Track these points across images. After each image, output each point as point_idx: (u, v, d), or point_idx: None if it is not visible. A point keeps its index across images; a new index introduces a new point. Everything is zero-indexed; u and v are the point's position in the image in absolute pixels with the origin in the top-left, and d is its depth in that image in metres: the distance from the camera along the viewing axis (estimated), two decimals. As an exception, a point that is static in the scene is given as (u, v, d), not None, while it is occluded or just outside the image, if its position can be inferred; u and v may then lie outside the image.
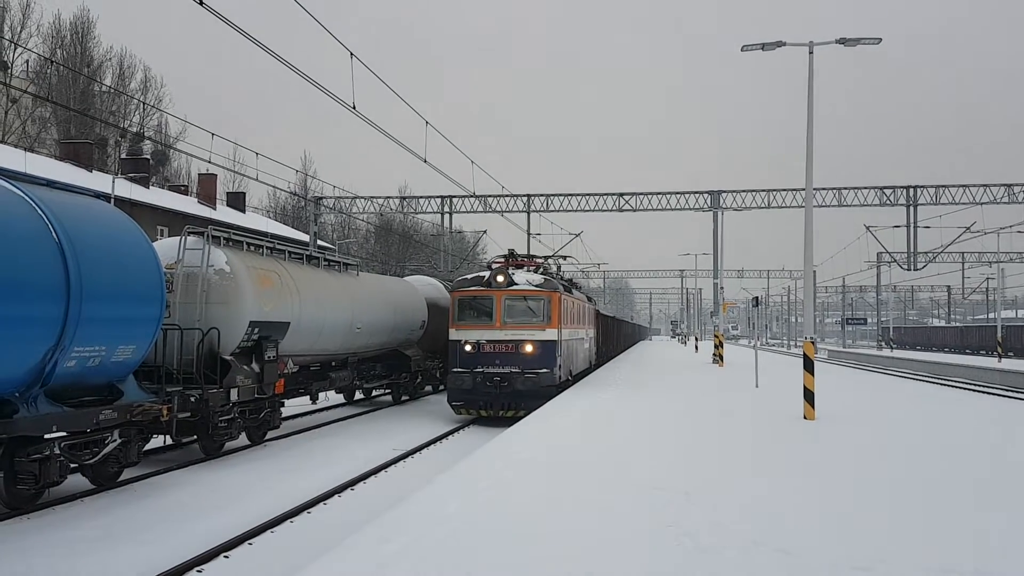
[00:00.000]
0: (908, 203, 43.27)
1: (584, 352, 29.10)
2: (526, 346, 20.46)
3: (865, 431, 14.95)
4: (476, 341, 20.57)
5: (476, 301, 21.18)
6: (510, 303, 20.97)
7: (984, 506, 8.90)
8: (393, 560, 6.58)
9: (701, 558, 6.75)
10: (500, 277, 20.93)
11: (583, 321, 28.66)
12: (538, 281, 21.53)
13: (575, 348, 25.68)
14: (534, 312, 21.03)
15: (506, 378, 20.21)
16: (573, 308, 24.96)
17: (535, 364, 20.48)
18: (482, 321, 20.89)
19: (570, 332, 23.99)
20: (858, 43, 19.50)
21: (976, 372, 38.67)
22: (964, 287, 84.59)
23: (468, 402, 20.71)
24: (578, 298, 27.49)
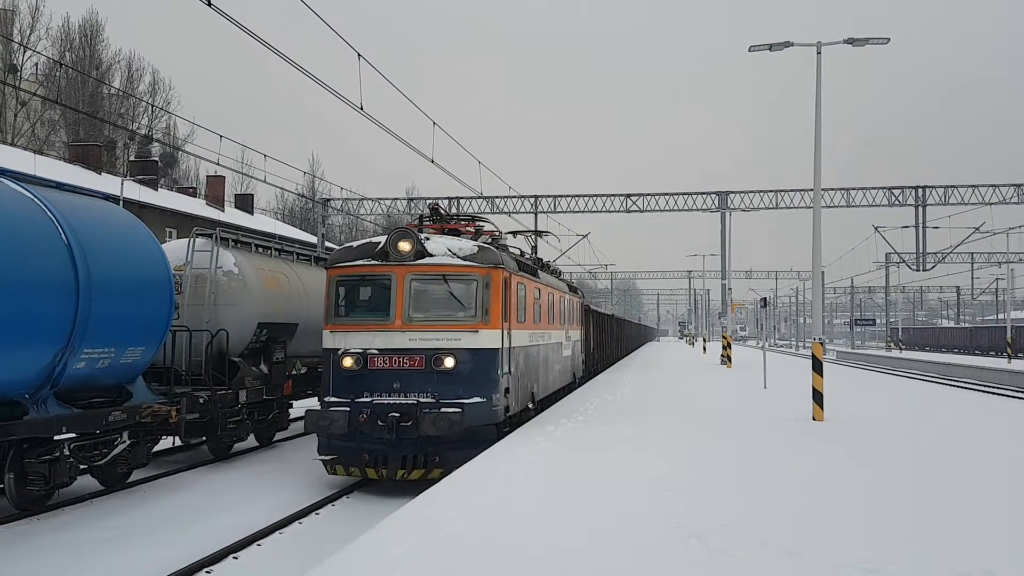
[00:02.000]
0: (917, 203, 43.12)
1: (563, 363, 21.52)
2: (445, 359, 12.49)
3: (875, 433, 14.89)
4: (361, 352, 12.55)
5: (363, 284, 13.34)
6: (420, 286, 12.94)
7: (991, 508, 8.86)
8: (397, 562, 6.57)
9: (709, 560, 6.73)
10: (404, 244, 12.91)
11: (561, 318, 20.93)
12: (468, 251, 13.26)
13: (542, 359, 17.69)
14: (461, 302, 12.95)
15: (410, 414, 12.07)
16: (540, 298, 17.34)
17: (462, 389, 12.57)
18: (373, 318, 12.95)
19: (531, 335, 16.03)
20: (866, 43, 19.43)
21: (986, 373, 38.51)
22: (973, 288, 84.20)
23: (346, 455, 12.50)
24: (550, 285, 19.14)
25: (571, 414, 17.11)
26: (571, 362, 23.68)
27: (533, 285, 16.58)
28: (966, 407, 21.15)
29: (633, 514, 8.28)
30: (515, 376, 14.40)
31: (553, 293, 19.55)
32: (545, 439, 13.35)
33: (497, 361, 13.16)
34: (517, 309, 14.63)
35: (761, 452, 12.42)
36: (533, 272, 17.05)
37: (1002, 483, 10.28)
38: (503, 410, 13.45)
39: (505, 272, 13.65)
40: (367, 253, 13.22)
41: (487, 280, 13.09)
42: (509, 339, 13.84)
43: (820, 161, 18.42)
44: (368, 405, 12.27)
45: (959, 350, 72.63)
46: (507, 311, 13.67)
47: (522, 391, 15.23)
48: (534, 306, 16.56)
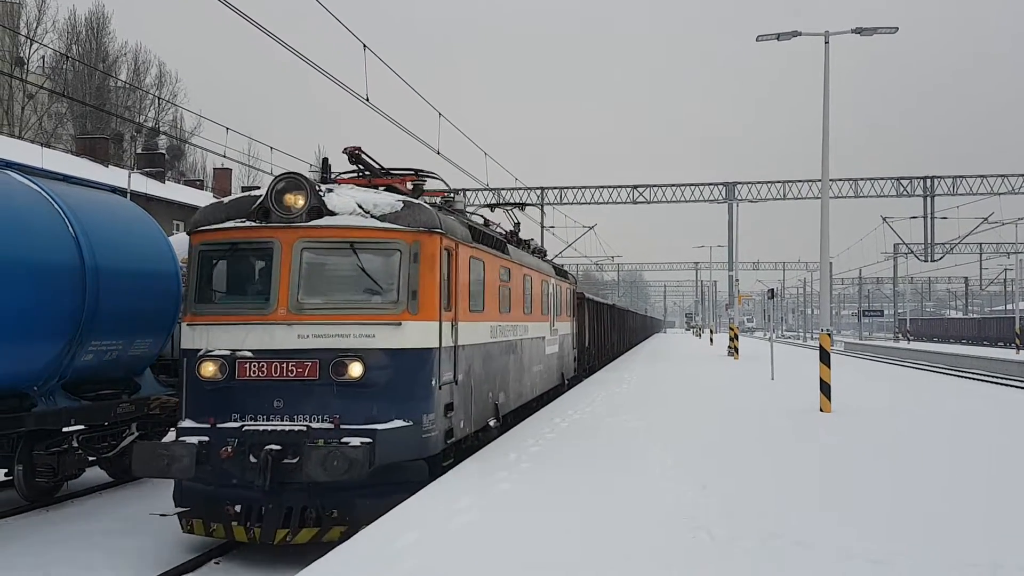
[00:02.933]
0: (925, 194, 42.97)
1: (547, 362, 18.04)
2: (349, 365, 8.78)
3: (882, 424, 14.85)
4: (228, 354, 8.89)
5: (235, 255, 9.60)
6: (316, 259, 9.22)
7: (1002, 500, 8.83)
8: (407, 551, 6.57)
9: (717, 550, 6.73)
10: (292, 196, 9.09)
11: (544, 307, 17.51)
12: (389, 208, 9.33)
13: (514, 359, 14.09)
14: (376, 282, 9.19)
15: (296, 446, 8.47)
16: (511, 281, 13.72)
17: (376, 408, 8.89)
18: (246, 305, 9.30)
19: (494, 328, 12.47)
20: (875, 32, 19.33)
21: (994, 364, 38.38)
22: (982, 278, 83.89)
23: (208, 506, 8.77)
24: (527, 266, 15.41)
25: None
26: (558, 360, 19.95)
27: (498, 263, 12.64)
28: (974, 398, 21.08)
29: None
30: (464, 386, 10.59)
31: (531, 275, 15.78)
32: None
33: (431, 366, 9.26)
34: (470, 294, 10.83)
35: (768, 443, 12.40)
36: (499, 246, 12.97)
37: (1011, 475, 10.23)
38: (441, 436, 9.56)
39: (448, 240, 9.71)
40: (242, 211, 9.20)
41: (416, 250, 9.09)
42: (454, 334, 10.05)
43: (828, 151, 18.33)
44: (236, 433, 8.45)
45: (967, 341, 72.38)
46: (451, 296, 9.93)
47: (478, 405, 11.38)
48: (500, 291, 12.76)
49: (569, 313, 22.37)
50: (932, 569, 6.33)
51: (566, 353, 21.69)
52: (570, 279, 23.62)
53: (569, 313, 22.37)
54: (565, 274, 22.64)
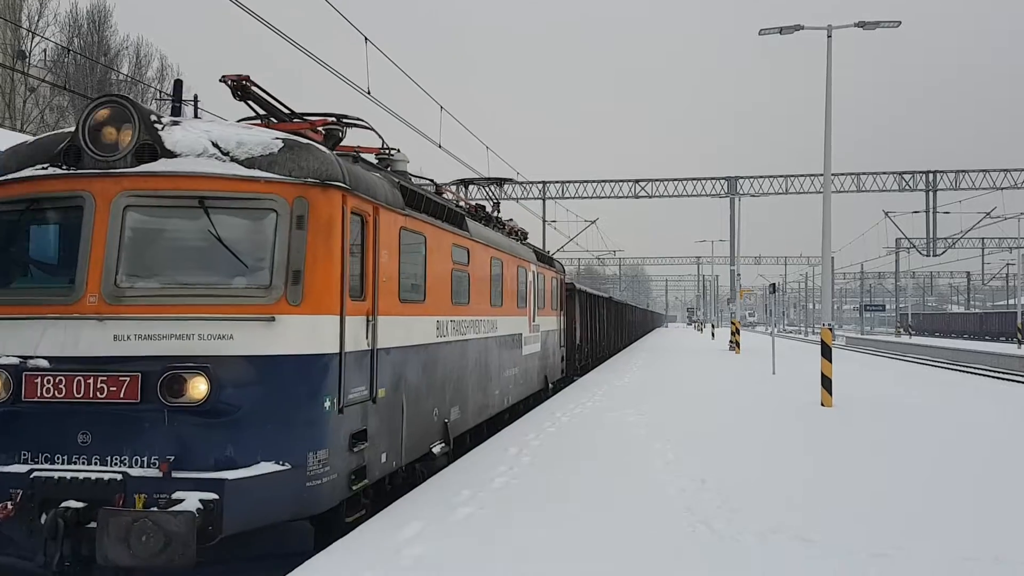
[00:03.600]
0: (927, 188, 42.93)
1: (524, 364, 15.53)
2: (189, 381, 5.96)
3: (883, 418, 14.84)
4: (15, 363, 6.08)
5: (31, 217, 6.70)
6: (144, 220, 6.36)
7: (1001, 494, 8.82)
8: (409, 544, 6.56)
9: (718, 545, 6.72)
10: (115, 130, 6.38)
11: (520, 299, 15.03)
12: (259, 147, 6.53)
13: (473, 364, 11.53)
14: (237, 255, 6.36)
15: (105, 502, 5.71)
16: (471, 264, 11.31)
17: (231, 445, 6.13)
18: (45, 290, 6.50)
19: (443, 324, 9.96)
20: (877, 26, 19.28)
21: (996, 359, 38.35)
22: (984, 273, 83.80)
23: None
24: (496, 246, 13.00)
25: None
26: (540, 362, 17.31)
27: (449, 240, 10.04)
28: (976, 393, 21.06)
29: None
30: (390, 404, 7.92)
31: (504, 260, 13.32)
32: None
33: (324, 380, 6.55)
34: (401, 278, 8.22)
35: (769, 438, 12.40)
36: (453, 219, 10.26)
37: (1011, 470, 10.22)
38: (342, 480, 6.81)
39: (358, 201, 7.06)
40: (45, 154, 6.59)
41: (301, 211, 6.40)
42: (370, 334, 7.37)
43: (831, 145, 18.29)
44: (21, 481, 5.90)
45: (969, 336, 72.33)
46: (366, 280, 7.35)
47: (415, 428, 8.70)
48: (453, 276, 10.26)
49: (556, 306, 19.90)
50: (933, 563, 6.32)
51: (551, 353, 19.12)
52: (557, 267, 20.69)
53: (556, 306, 19.90)
54: (551, 261, 19.87)
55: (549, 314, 18.81)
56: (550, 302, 19.03)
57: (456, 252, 10.58)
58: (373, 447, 7.52)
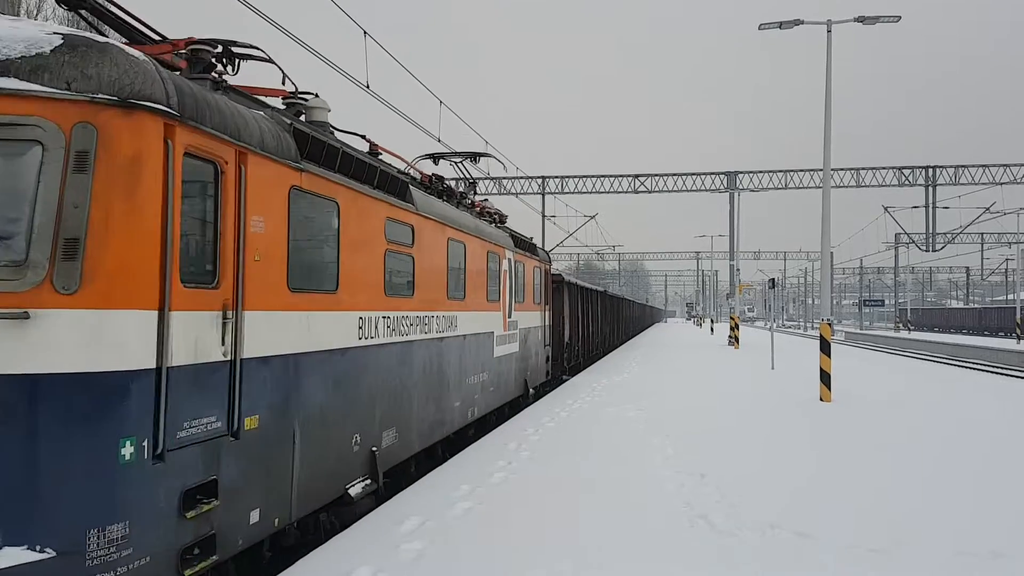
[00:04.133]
0: (927, 183, 42.92)
1: (499, 369, 13.69)
2: None
3: (882, 414, 14.85)
4: None
5: None
6: None
7: (1000, 489, 8.83)
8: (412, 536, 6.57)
9: (717, 541, 6.73)
10: None
11: (490, 291, 13.07)
12: (26, 45, 4.26)
13: (423, 375, 9.53)
14: None
15: None
16: (418, 246, 9.33)
17: None
18: None
19: (362, 320, 7.63)
20: (877, 21, 19.26)
21: (995, 354, 38.36)
22: (983, 268, 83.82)
23: None
24: (457, 225, 11.04)
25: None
26: (518, 364, 15.30)
27: (379, 211, 8.00)
28: (975, 388, 21.07)
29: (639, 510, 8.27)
30: (271, 438, 5.90)
31: (466, 242, 11.27)
32: None
33: (125, 414, 4.41)
34: (290, 257, 6.17)
35: (768, 434, 12.40)
36: (388, 186, 8.23)
37: (1010, 465, 10.23)
38: (168, 563, 4.71)
39: (200, 138, 5.09)
40: None
41: (86, 145, 4.34)
42: (234, 337, 5.43)
43: (830, 140, 18.27)
44: None
45: (968, 331, 72.38)
46: (220, 256, 5.36)
47: (316, 468, 6.61)
48: (387, 260, 8.18)
49: (539, 300, 17.87)
50: (932, 558, 6.33)
51: (533, 353, 16.94)
52: (541, 255, 18.48)
53: (539, 300, 17.87)
54: (533, 249, 17.42)
55: (531, 309, 16.82)
56: (532, 295, 16.98)
57: (393, 229, 8.37)
58: (232, 504, 5.28)
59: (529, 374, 16.59)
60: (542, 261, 18.49)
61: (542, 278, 18.47)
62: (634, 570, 6.02)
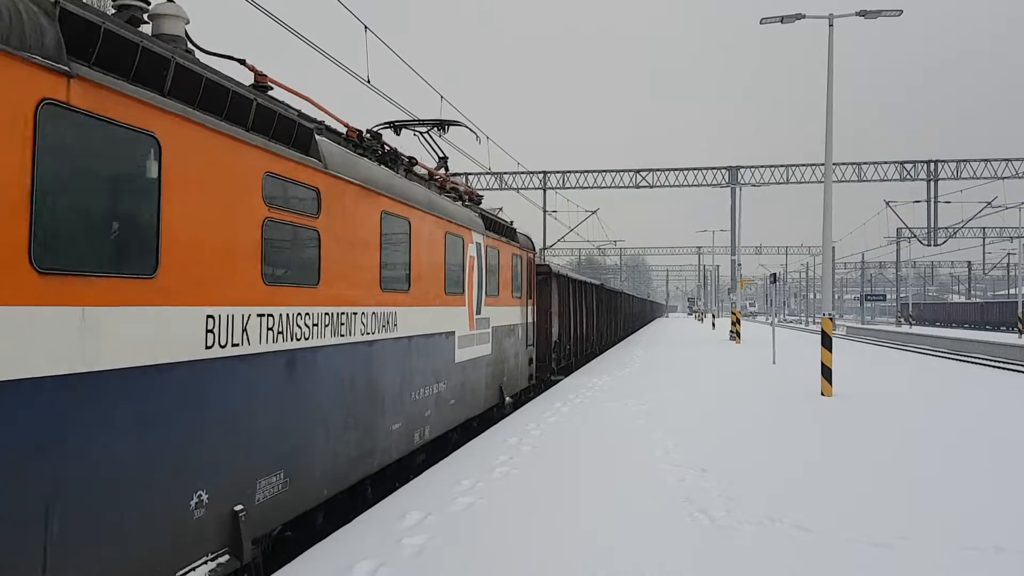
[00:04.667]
0: (928, 178, 42.86)
1: (463, 378, 11.55)
2: None
3: (884, 408, 14.84)
4: None
5: None
6: None
7: (1001, 484, 8.81)
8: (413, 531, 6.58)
9: (717, 535, 6.72)
10: None
11: (455, 282, 11.16)
12: None
13: (330, 392, 7.00)
14: None
15: None
16: (317, 217, 6.74)
17: None
18: None
19: (216, 318, 5.29)
20: (879, 15, 19.21)
21: (996, 348, 38.32)
22: (985, 263, 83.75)
23: None
24: (384, 192, 8.38)
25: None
26: (491, 369, 13.20)
27: (248, 161, 5.74)
28: (976, 382, 21.05)
29: (639, 489, 8.27)
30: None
31: (412, 219, 9.15)
32: None
33: None
34: (33, 219, 3.83)
35: (769, 428, 12.39)
36: (262, 124, 5.97)
37: (1010, 460, 10.21)
38: None
39: None
40: None
41: None
42: None
43: (832, 135, 18.23)
44: None
45: (969, 325, 72.35)
46: None
47: (104, 553, 4.25)
48: (260, 233, 5.88)
49: (520, 293, 15.80)
50: (934, 552, 6.32)
51: (511, 355, 14.84)
52: (522, 241, 16.21)
53: (520, 293, 15.80)
54: (512, 234, 15.11)
55: (508, 303, 14.58)
56: (510, 288, 14.68)
57: (280, 190, 6.09)
58: None
59: (506, 380, 14.44)
60: (524, 248, 16.25)
61: (524, 268, 16.24)
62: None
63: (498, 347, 13.77)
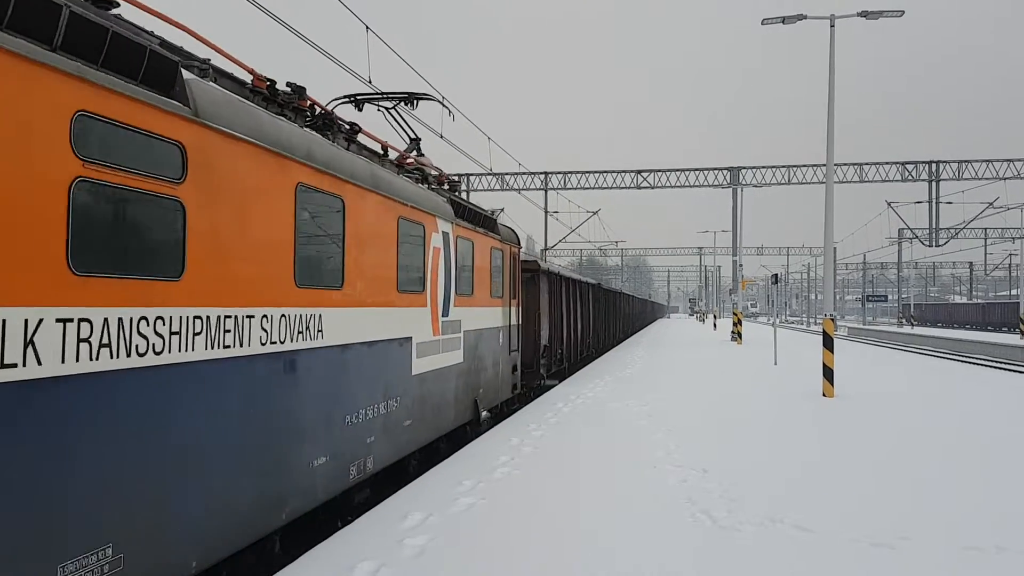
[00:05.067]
0: (930, 178, 42.83)
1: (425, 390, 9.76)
2: None
3: (885, 409, 14.83)
4: None
5: None
6: None
7: (1003, 485, 8.81)
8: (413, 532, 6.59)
9: (719, 535, 6.72)
10: None
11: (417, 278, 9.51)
12: None
13: (225, 419, 5.39)
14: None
15: None
16: (189, 176, 5.01)
17: None
18: None
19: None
20: (880, 16, 19.22)
21: (997, 349, 38.29)
22: (986, 263, 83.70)
23: None
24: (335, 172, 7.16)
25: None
26: (462, 380, 11.48)
27: (72, 96, 4.06)
28: (978, 383, 21.03)
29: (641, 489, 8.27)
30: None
31: (347, 197, 7.53)
32: None
33: None
34: None
35: (771, 428, 12.39)
36: (119, 63, 4.42)
37: (1011, 461, 10.20)
38: None
39: None
40: None
41: None
42: None
43: (833, 136, 18.23)
44: None
45: (971, 326, 72.31)
46: None
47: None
48: (66, 198, 4.01)
49: (501, 292, 14.06)
50: (935, 552, 6.31)
51: (489, 363, 13.09)
52: (504, 234, 14.24)
53: (501, 292, 14.06)
54: (491, 224, 13.33)
55: (486, 303, 12.80)
56: (488, 286, 12.89)
57: (102, 136, 4.36)
58: None
59: (482, 391, 12.60)
60: (507, 242, 14.16)
61: (507, 264, 14.31)
62: (637, 565, 6.02)
63: (472, 354, 11.91)
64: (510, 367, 14.76)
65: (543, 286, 18.60)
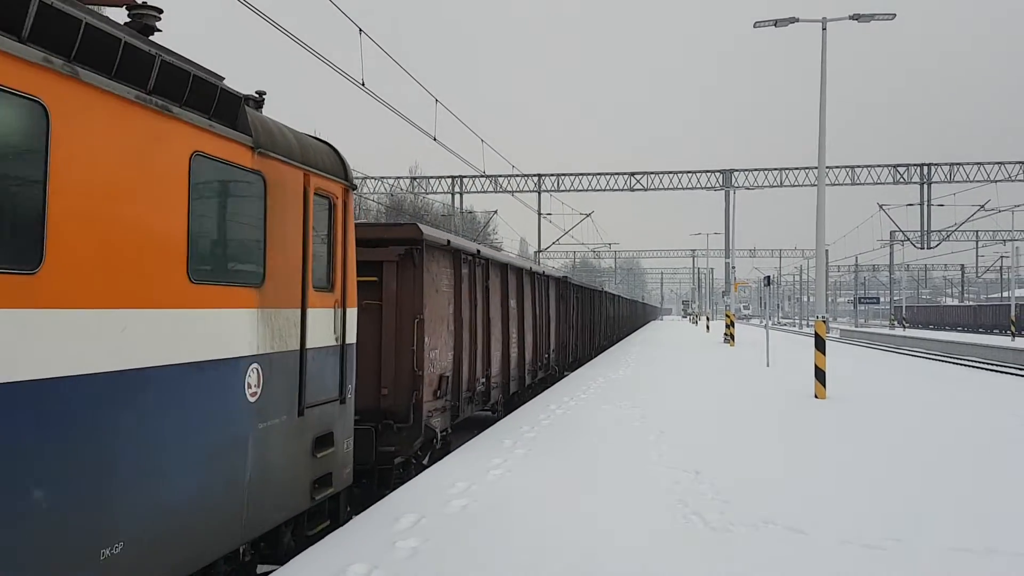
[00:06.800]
0: (922, 181, 43.03)
1: None
2: None
3: (877, 410, 14.87)
4: None
5: None
6: None
7: (994, 485, 8.84)
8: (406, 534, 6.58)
9: (711, 537, 6.73)
10: None
11: None
12: None
13: None
14: None
15: None
16: None
17: None
18: None
19: None
20: (872, 19, 19.30)
21: (989, 351, 38.45)
22: (978, 266, 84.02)
23: None
24: None
25: None
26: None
27: None
28: (969, 384, 21.12)
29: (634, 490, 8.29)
30: None
31: None
32: None
33: None
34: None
35: (762, 430, 12.41)
36: None
37: (1002, 463, 10.25)
38: None
39: None
40: None
41: None
42: None
43: (825, 138, 18.30)
44: None
45: (963, 328, 72.56)
46: None
47: None
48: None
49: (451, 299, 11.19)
50: (926, 554, 6.34)
51: (213, 453, 5.07)
52: (314, 159, 6.59)
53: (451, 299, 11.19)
54: (285, 138, 6.17)
55: (216, 303, 5.09)
56: (223, 265, 5.33)
57: None
58: None
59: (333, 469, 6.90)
60: (322, 173, 6.76)
61: (337, 223, 7.06)
62: (629, 566, 6.02)
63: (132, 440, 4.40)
64: (320, 440, 6.69)
65: (442, 274, 10.93)
